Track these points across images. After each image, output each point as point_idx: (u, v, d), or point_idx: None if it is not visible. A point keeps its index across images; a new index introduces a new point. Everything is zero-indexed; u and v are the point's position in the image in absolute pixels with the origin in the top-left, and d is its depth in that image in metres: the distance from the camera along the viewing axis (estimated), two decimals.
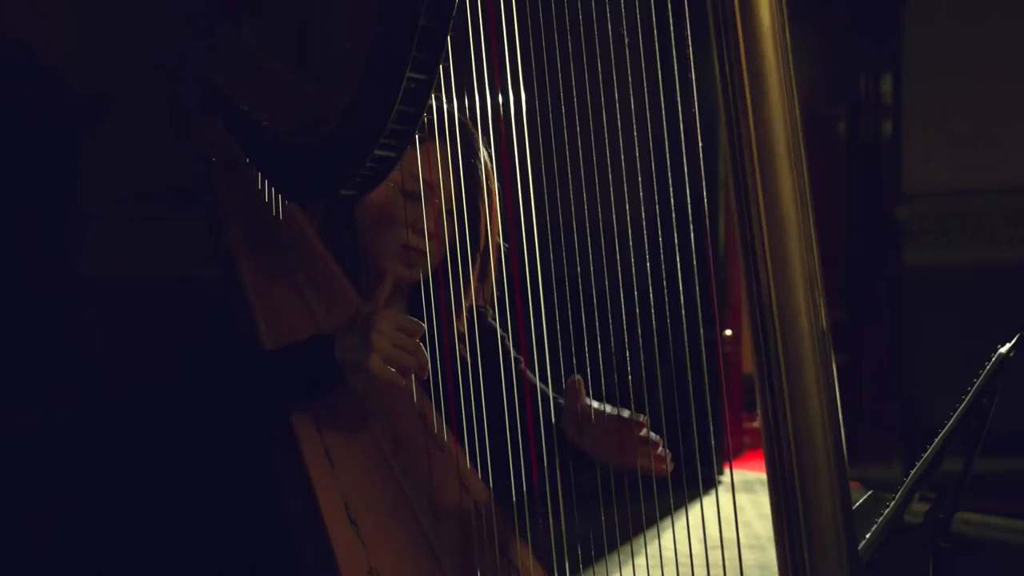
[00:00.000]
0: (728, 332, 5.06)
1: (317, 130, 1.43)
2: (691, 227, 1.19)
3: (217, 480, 1.50)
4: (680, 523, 1.25)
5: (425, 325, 1.36)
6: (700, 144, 1.19)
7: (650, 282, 1.23)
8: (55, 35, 2.64)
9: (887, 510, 1.37)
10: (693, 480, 1.32)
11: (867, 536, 1.35)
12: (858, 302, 4.67)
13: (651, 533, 1.21)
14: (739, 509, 3.99)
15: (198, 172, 1.69)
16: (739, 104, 1.03)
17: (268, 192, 1.60)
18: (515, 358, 1.54)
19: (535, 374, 1.44)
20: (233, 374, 1.45)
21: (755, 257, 1.02)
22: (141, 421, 1.55)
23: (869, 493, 1.50)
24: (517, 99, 1.36)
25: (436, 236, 1.53)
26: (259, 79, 1.55)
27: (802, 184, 1.06)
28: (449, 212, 1.54)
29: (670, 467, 1.41)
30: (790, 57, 1.06)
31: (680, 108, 1.20)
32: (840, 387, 1.03)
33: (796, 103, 1.06)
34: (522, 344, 1.36)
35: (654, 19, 1.20)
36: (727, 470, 4.50)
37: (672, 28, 1.17)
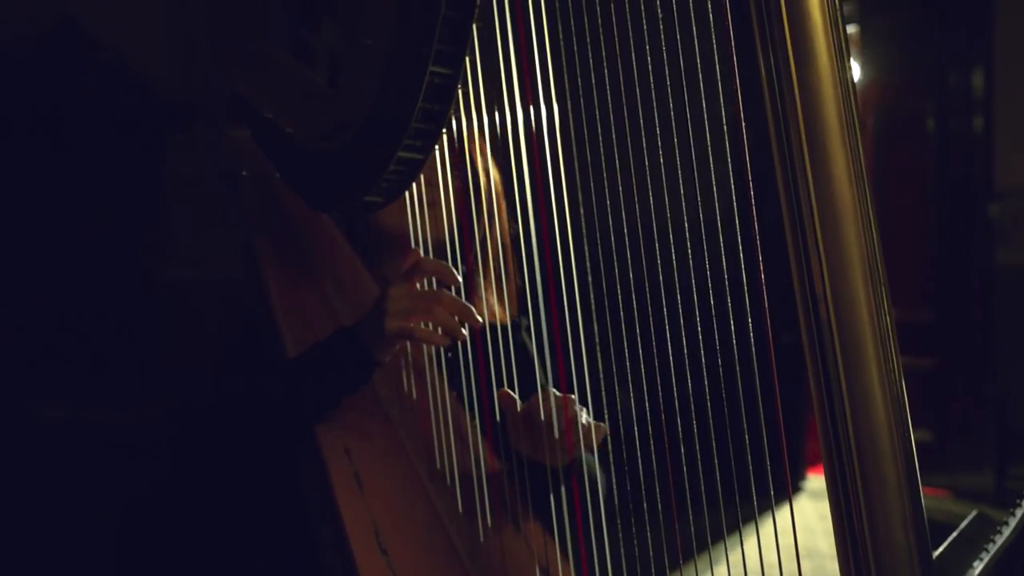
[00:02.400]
0: None
1: (340, 135, 1.36)
2: (738, 224, 1.08)
3: (243, 498, 1.43)
4: (764, 531, 1.14)
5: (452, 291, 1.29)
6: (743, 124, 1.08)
7: (727, 283, 1.13)
8: (145, 44, 2.70)
9: (1004, 534, 1.22)
10: (776, 487, 1.21)
11: (976, 564, 1.20)
12: (948, 303, 4.47)
13: (732, 541, 1.11)
14: (822, 518, 3.82)
15: (227, 185, 1.63)
16: (781, 69, 0.92)
17: (296, 202, 1.53)
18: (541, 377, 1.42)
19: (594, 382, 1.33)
20: (260, 385, 1.37)
21: (804, 239, 0.90)
22: (179, 430, 1.49)
23: (974, 514, 1.34)
24: (557, 102, 1.27)
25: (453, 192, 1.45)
26: (282, 84, 1.48)
27: (857, 158, 0.93)
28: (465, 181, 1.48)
29: (598, 433, 1.29)
30: (840, 16, 0.94)
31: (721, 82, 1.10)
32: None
33: (849, 70, 0.94)
34: (559, 355, 1.26)
35: None
36: (810, 476, 4.36)
37: None
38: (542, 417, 1.28)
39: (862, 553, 0.84)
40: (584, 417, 1.30)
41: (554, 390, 1.30)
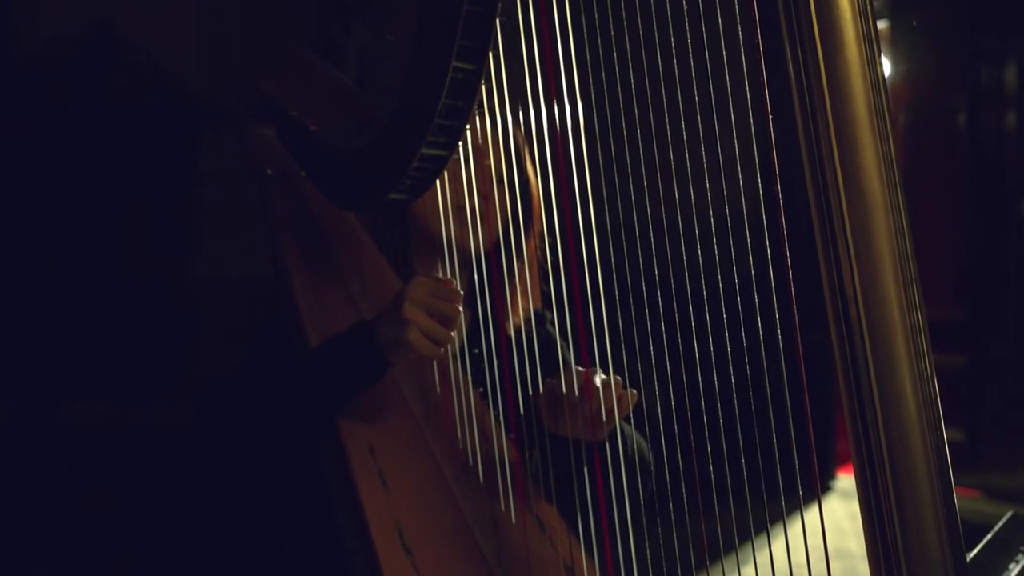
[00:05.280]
0: None
1: (364, 132, 1.35)
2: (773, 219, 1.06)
3: (267, 497, 1.43)
4: (793, 531, 1.13)
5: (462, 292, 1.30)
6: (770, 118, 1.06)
7: (751, 280, 1.11)
8: (178, 46, 2.73)
9: None
10: (805, 487, 1.19)
11: (1012, 567, 1.17)
12: (979, 301, 4.42)
13: (760, 541, 1.09)
14: (852, 518, 3.78)
15: (253, 184, 1.63)
16: (809, 60, 0.90)
17: (321, 200, 1.52)
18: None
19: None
20: (276, 379, 1.36)
21: (833, 235, 0.88)
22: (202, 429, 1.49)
23: (1009, 515, 1.32)
24: (581, 98, 1.26)
25: (488, 197, 1.47)
26: (307, 83, 1.48)
27: (888, 154, 0.91)
28: (499, 182, 1.47)
29: (631, 399, 1.31)
30: (870, 6, 0.92)
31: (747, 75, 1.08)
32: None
33: (879, 60, 0.92)
34: (583, 351, 1.24)
35: None
36: (839, 476, 4.32)
37: None
38: (564, 391, 1.28)
39: (893, 556, 0.83)
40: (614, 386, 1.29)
41: (577, 367, 1.29)
